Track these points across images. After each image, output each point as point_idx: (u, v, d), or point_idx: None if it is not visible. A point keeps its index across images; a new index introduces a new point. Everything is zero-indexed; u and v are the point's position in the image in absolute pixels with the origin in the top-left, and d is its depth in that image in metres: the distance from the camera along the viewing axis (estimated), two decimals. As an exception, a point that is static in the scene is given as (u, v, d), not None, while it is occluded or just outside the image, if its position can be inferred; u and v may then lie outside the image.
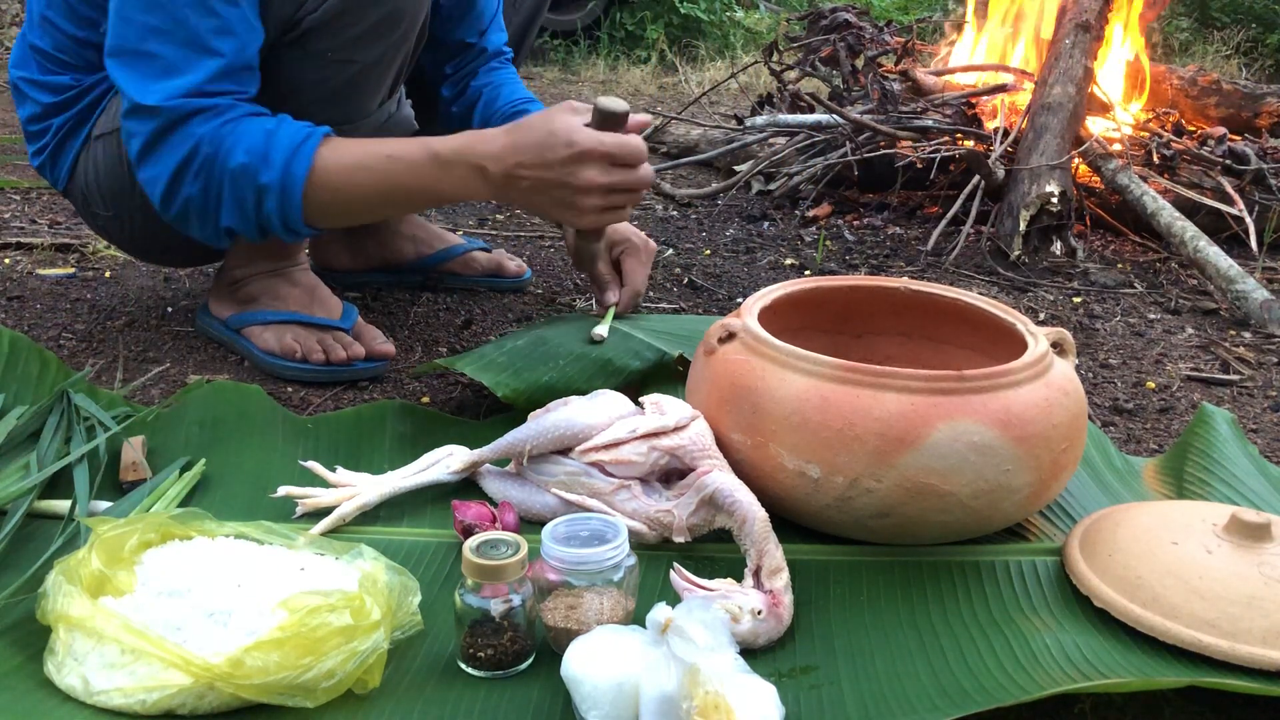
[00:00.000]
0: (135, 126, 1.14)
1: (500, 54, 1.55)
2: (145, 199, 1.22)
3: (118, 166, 1.26)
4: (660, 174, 2.56)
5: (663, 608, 0.73)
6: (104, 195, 1.30)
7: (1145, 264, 2.02)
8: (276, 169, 1.12)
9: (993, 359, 1.02)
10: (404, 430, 1.14)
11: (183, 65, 1.11)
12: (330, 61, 1.20)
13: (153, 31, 1.10)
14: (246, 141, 1.12)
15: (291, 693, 0.72)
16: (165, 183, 1.15)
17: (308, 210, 1.15)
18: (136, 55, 1.12)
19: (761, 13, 5.91)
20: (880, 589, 0.90)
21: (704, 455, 0.94)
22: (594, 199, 1.12)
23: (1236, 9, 5.53)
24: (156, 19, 1.10)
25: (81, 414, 1.09)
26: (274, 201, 1.13)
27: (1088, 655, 0.81)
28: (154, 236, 1.33)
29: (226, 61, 1.12)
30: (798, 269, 1.94)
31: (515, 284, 1.72)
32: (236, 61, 1.13)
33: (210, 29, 1.10)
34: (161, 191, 1.16)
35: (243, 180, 1.12)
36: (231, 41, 1.12)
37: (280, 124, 1.14)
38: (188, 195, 1.15)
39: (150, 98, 1.11)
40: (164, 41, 1.10)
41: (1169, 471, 1.12)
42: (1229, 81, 2.46)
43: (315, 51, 1.18)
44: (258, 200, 1.14)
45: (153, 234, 1.32)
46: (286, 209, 1.14)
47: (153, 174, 1.16)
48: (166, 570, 0.80)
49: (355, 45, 1.20)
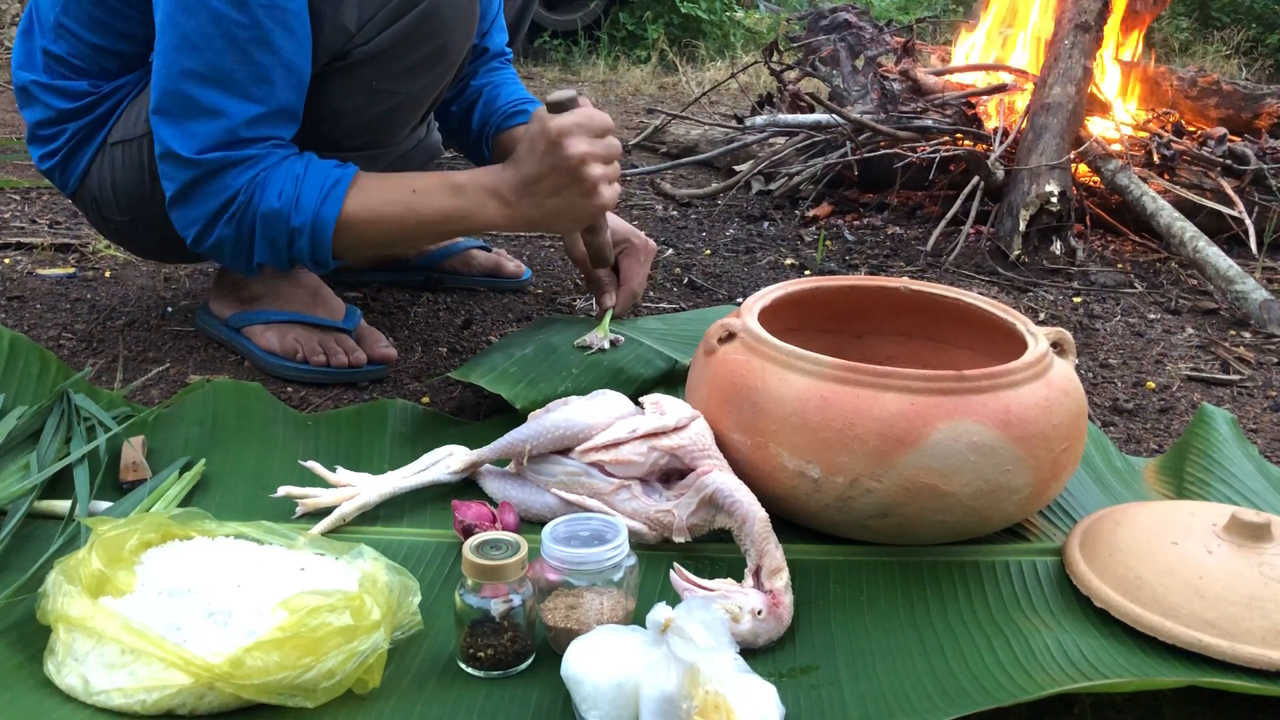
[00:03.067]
0: (170, 172, 1.14)
1: (501, 54, 1.56)
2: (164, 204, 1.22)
3: (138, 173, 1.26)
4: (660, 174, 2.56)
5: (663, 608, 0.73)
6: (120, 200, 1.30)
7: (1145, 264, 2.02)
8: (308, 213, 1.13)
9: (993, 359, 1.02)
10: (404, 430, 1.14)
11: (218, 112, 1.10)
12: (374, 91, 1.21)
13: (188, 75, 1.10)
14: (278, 186, 1.12)
15: (291, 693, 0.72)
16: (199, 226, 1.16)
17: (338, 247, 1.17)
18: (173, 98, 1.11)
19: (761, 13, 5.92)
20: (880, 589, 0.90)
21: (704, 455, 0.94)
22: (594, 168, 1.12)
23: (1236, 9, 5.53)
24: (193, 63, 1.09)
25: (81, 414, 1.09)
26: (305, 241, 1.15)
27: (1088, 655, 0.81)
28: (169, 239, 1.34)
29: (263, 109, 1.12)
30: (798, 269, 1.94)
31: (515, 284, 1.72)
32: (273, 108, 1.12)
33: (248, 76, 1.10)
34: (195, 233, 1.17)
35: (275, 224, 1.14)
36: (267, 89, 1.11)
37: (309, 167, 1.14)
38: (221, 236, 1.16)
39: (186, 149, 1.11)
40: (200, 86, 1.10)
41: (1169, 471, 1.12)
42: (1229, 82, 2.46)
43: (360, 80, 1.19)
44: (289, 241, 1.15)
45: (168, 236, 1.33)
46: (317, 248, 1.15)
47: (187, 217, 1.17)
48: (166, 570, 0.80)
49: (401, 77, 1.21)
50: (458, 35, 1.23)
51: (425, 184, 1.17)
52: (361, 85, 1.20)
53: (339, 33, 1.15)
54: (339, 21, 1.14)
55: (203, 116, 1.10)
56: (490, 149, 1.49)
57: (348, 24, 1.15)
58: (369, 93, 1.21)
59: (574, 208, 1.16)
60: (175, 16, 1.09)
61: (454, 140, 1.56)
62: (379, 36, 1.17)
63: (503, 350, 1.26)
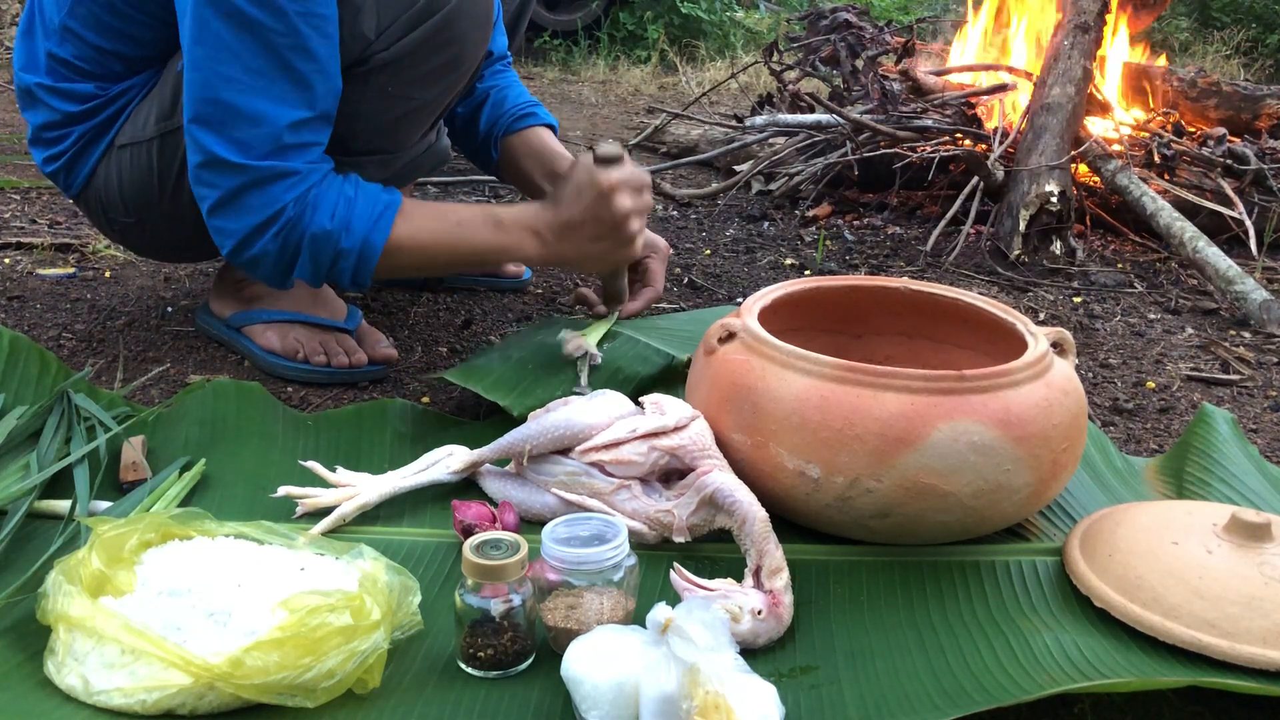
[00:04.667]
0: (215, 179, 1.12)
1: (503, 57, 1.56)
2: (172, 207, 1.22)
3: (146, 175, 1.26)
4: (660, 174, 2.56)
5: (663, 608, 0.73)
6: (127, 203, 1.30)
7: (1145, 264, 2.02)
8: (357, 237, 1.14)
9: (993, 359, 1.02)
10: (404, 430, 1.14)
11: (261, 118, 1.10)
12: (390, 96, 1.21)
13: (229, 83, 1.09)
14: (328, 207, 1.13)
15: (291, 693, 0.72)
16: (241, 237, 1.14)
17: (380, 272, 1.18)
18: (214, 106, 1.10)
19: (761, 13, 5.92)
20: (880, 589, 0.90)
21: (704, 455, 0.94)
22: (635, 223, 1.21)
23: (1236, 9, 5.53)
24: (233, 71, 1.08)
25: (81, 414, 1.09)
26: (349, 263, 1.15)
27: (1088, 655, 0.81)
28: (175, 240, 1.34)
29: (306, 114, 1.11)
30: (798, 269, 1.94)
31: (515, 284, 1.72)
32: (315, 114, 1.12)
33: (289, 83, 1.10)
34: (235, 244, 1.15)
35: (323, 244, 1.14)
36: (308, 95, 1.11)
37: (359, 189, 1.15)
38: (265, 250, 1.15)
39: (235, 155, 1.10)
40: (242, 94, 1.09)
41: (1169, 471, 1.12)
42: (1229, 83, 2.46)
43: (376, 86, 1.19)
44: (333, 261, 1.15)
45: (174, 238, 1.33)
46: (360, 272, 1.16)
47: (229, 227, 1.15)
48: (166, 570, 0.80)
49: (417, 84, 1.22)
50: (473, 43, 1.24)
51: (468, 216, 1.21)
52: (377, 91, 1.20)
53: (358, 39, 1.15)
54: (358, 29, 1.14)
55: (245, 124, 1.10)
56: (498, 151, 1.51)
57: (366, 31, 1.15)
58: (384, 98, 1.21)
59: (610, 255, 1.24)
60: (210, 25, 1.07)
61: (459, 142, 1.56)
62: (397, 44, 1.17)
63: (500, 352, 1.26)
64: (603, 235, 1.20)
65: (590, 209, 1.18)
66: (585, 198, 1.18)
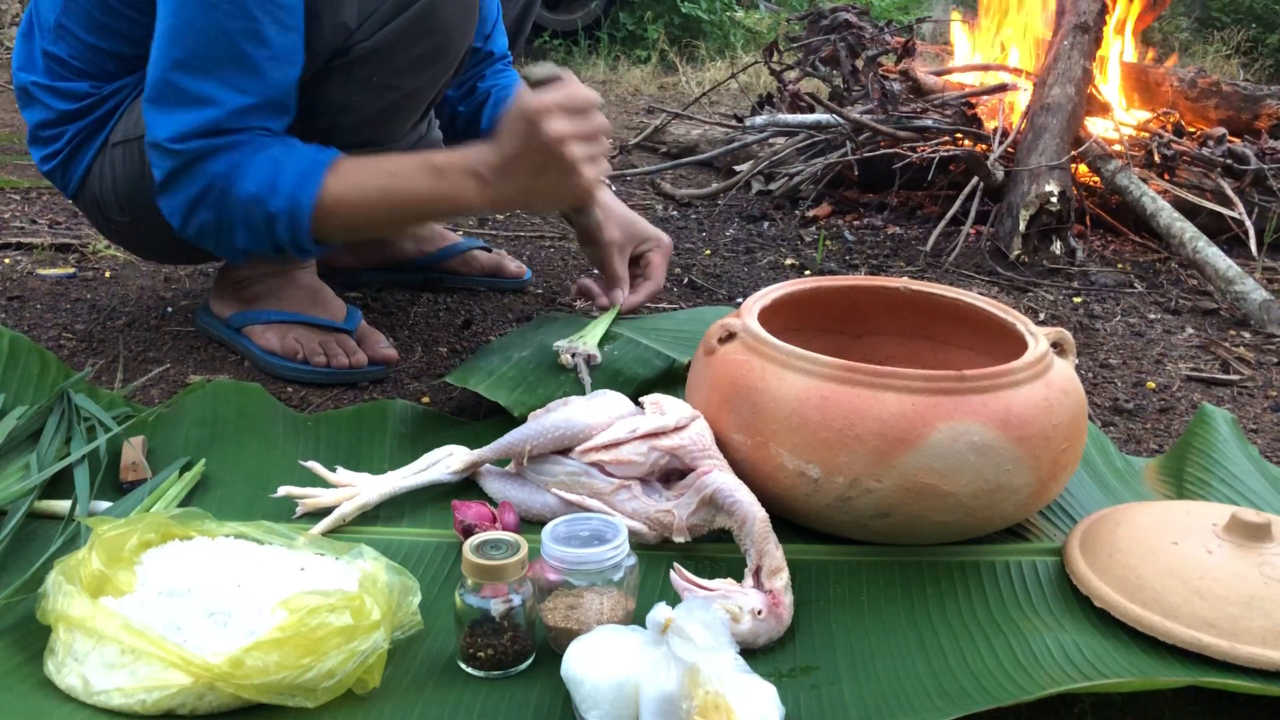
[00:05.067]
0: (156, 160, 1.15)
1: (504, 57, 1.57)
2: None
3: (138, 173, 1.26)
4: (660, 174, 2.56)
5: (663, 608, 0.73)
6: (121, 201, 1.30)
7: (1145, 264, 2.02)
8: (284, 197, 1.13)
9: (993, 359, 1.02)
10: (404, 430, 1.14)
11: (206, 101, 1.11)
12: (375, 87, 1.21)
13: (178, 65, 1.10)
14: (255, 171, 1.13)
15: (291, 693, 0.72)
16: (181, 213, 1.17)
17: (317, 232, 1.16)
18: (164, 87, 1.12)
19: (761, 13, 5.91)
20: (880, 589, 0.90)
21: (704, 455, 0.94)
22: (575, 148, 1.09)
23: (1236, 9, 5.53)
24: (183, 52, 1.10)
25: (81, 414, 1.09)
26: (284, 226, 1.15)
27: (1088, 655, 0.81)
28: (170, 240, 1.34)
29: (251, 100, 1.12)
30: (798, 269, 1.94)
31: (515, 284, 1.72)
32: (261, 100, 1.12)
33: (236, 67, 1.10)
34: (179, 220, 1.18)
35: (253, 209, 1.14)
36: (256, 81, 1.11)
37: (289, 151, 1.14)
38: (202, 221, 1.17)
39: (165, 136, 1.12)
40: (189, 75, 1.10)
41: (1169, 471, 1.12)
42: (1228, 83, 2.46)
43: (361, 76, 1.19)
44: (268, 226, 1.15)
45: (169, 238, 1.33)
46: (296, 233, 1.15)
47: (170, 205, 1.18)
48: (166, 570, 0.80)
49: (401, 73, 1.22)
50: (457, 31, 1.24)
51: (403, 165, 1.16)
52: (362, 81, 1.20)
53: (339, 30, 1.15)
54: (339, 19, 1.14)
55: (191, 105, 1.11)
56: None
57: (348, 21, 1.15)
58: (369, 89, 1.21)
59: (555, 188, 1.13)
60: (169, 6, 1.10)
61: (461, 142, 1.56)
62: (379, 33, 1.17)
63: (500, 353, 1.26)
64: (541, 166, 1.10)
65: (522, 138, 1.09)
66: (516, 127, 1.09)
